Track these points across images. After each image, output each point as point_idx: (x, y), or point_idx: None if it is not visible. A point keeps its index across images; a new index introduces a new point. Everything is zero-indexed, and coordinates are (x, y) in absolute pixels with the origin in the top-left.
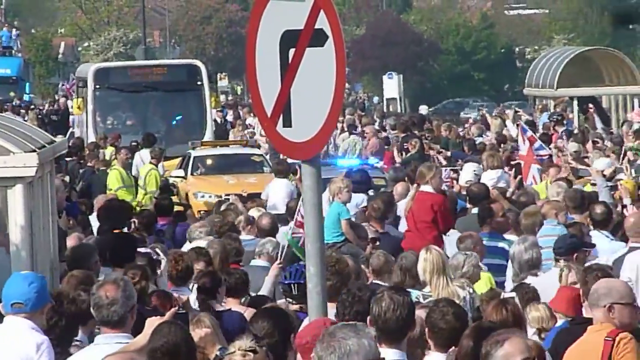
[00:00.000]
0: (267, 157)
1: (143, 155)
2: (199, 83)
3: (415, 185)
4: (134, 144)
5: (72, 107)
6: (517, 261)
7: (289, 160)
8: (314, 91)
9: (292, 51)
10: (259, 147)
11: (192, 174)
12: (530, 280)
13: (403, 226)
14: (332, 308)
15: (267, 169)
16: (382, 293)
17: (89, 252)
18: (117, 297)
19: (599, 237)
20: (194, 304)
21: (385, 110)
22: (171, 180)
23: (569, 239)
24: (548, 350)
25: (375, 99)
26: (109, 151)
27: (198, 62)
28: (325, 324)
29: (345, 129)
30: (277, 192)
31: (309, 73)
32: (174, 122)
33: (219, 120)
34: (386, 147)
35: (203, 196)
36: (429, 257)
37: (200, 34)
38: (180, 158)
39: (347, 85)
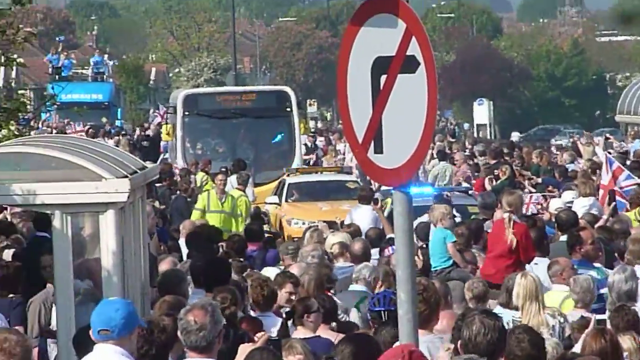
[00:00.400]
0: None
1: (232, 181)
2: (288, 109)
3: (507, 213)
4: (223, 169)
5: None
6: (615, 291)
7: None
8: (405, 117)
9: (383, 77)
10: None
11: (286, 201)
12: None
13: None
14: (422, 335)
15: None
16: (473, 317)
17: (181, 277)
18: (206, 323)
19: None
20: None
21: (475, 136)
22: (265, 206)
23: None
24: None
25: (466, 125)
26: (199, 177)
27: (287, 88)
28: (403, 351)
29: (435, 156)
30: (360, 218)
31: (400, 99)
32: (273, 141)
33: (309, 144)
34: (476, 173)
35: (297, 223)
36: (523, 282)
37: (290, 60)
38: (271, 184)
39: (437, 111)
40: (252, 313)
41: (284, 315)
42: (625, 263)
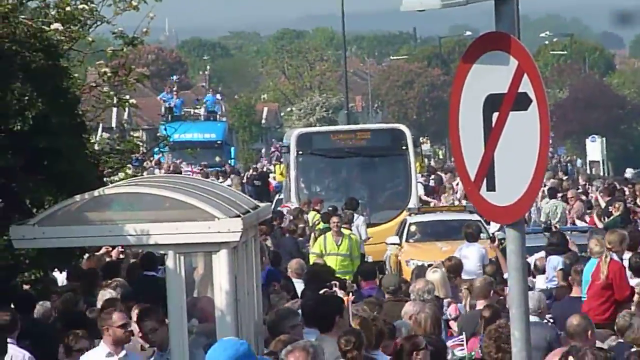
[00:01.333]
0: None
1: (359, 223)
2: (403, 147)
3: (606, 251)
4: (330, 209)
5: (274, 172)
6: None
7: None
8: (517, 155)
9: (495, 115)
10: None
11: (407, 241)
12: None
13: None
14: None
15: (484, 235)
16: (585, 351)
17: (288, 315)
18: None
19: None
20: None
21: (588, 173)
22: (388, 247)
23: None
24: None
25: (579, 162)
26: (311, 216)
27: (402, 126)
28: None
29: (546, 194)
30: (469, 257)
31: (512, 137)
32: (389, 181)
33: (427, 183)
34: (589, 210)
35: (415, 264)
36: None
37: (402, 99)
38: (387, 224)
39: (550, 148)
40: None
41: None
42: None
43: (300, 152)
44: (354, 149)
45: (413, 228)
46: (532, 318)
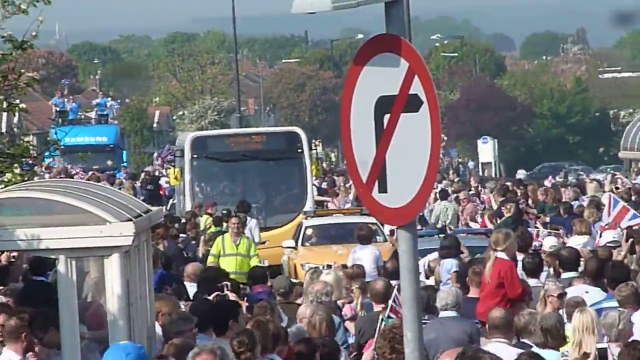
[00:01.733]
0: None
1: (251, 225)
2: (299, 150)
3: (492, 251)
4: (224, 212)
5: (167, 176)
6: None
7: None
8: (409, 156)
9: (386, 117)
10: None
11: (302, 244)
12: None
13: None
14: None
15: (380, 238)
16: (481, 355)
17: (182, 319)
18: None
19: None
20: None
21: (480, 174)
22: (285, 251)
23: None
24: None
25: (471, 164)
26: (204, 219)
27: (298, 129)
28: None
29: (438, 196)
30: (362, 259)
31: (404, 138)
32: (284, 184)
33: (321, 185)
34: (481, 212)
35: (309, 267)
36: (582, 317)
37: (294, 102)
38: (283, 227)
39: (441, 150)
40: None
41: None
42: None
43: (195, 156)
44: (249, 152)
45: (309, 231)
46: (451, 313)
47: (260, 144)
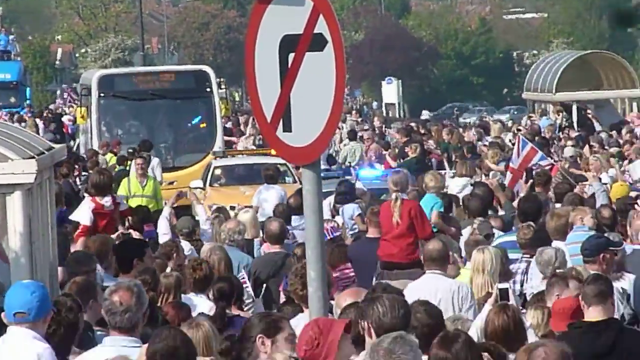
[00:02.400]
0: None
1: (154, 165)
2: (208, 90)
3: (395, 192)
4: (130, 151)
5: (70, 114)
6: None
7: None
8: (313, 96)
9: (291, 56)
10: None
11: (210, 185)
12: None
13: None
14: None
15: (289, 179)
16: (379, 296)
17: (90, 257)
18: (131, 304)
19: None
20: (211, 310)
21: (385, 115)
22: (192, 191)
23: (594, 240)
24: None
25: (375, 105)
26: (107, 158)
27: (207, 68)
28: (318, 323)
29: (347, 136)
30: (268, 199)
31: (308, 77)
32: (193, 123)
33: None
34: (385, 152)
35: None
36: (483, 255)
37: (199, 40)
38: (191, 167)
39: (346, 90)
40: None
41: None
42: None
43: (102, 95)
44: (158, 91)
45: (217, 172)
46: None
47: (168, 82)
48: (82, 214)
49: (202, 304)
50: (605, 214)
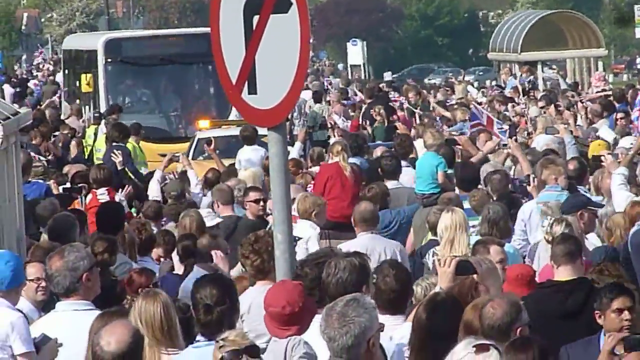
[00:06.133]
0: None
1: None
2: None
3: (340, 155)
4: (96, 115)
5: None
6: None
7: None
8: (278, 58)
9: (256, 18)
10: None
11: (194, 158)
12: None
13: None
14: None
15: None
16: (337, 259)
17: (71, 224)
18: (60, 269)
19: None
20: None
21: (349, 77)
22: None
23: (575, 198)
24: None
25: (340, 66)
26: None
27: None
28: (295, 286)
29: (312, 97)
30: (248, 159)
31: (273, 40)
32: (205, 89)
33: None
34: (352, 114)
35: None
36: (453, 216)
37: (164, 4)
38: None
39: (311, 52)
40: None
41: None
42: None
43: (109, 60)
44: (168, 56)
45: (201, 144)
46: None
47: (178, 46)
48: None
49: (154, 268)
50: (571, 166)
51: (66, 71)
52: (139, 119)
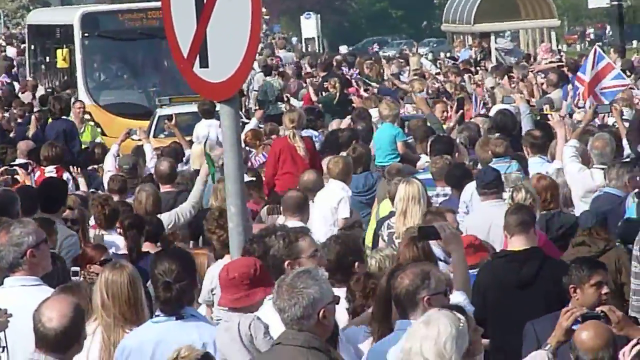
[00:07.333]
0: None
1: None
2: None
3: (291, 130)
4: (49, 91)
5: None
6: None
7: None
8: (230, 31)
9: None
10: None
11: (155, 137)
12: None
13: None
14: None
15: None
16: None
17: (12, 198)
18: (4, 244)
19: (537, 162)
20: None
21: (303, 50)
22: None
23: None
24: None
25: (294, 40)
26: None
27: None
28: (256, 264)
29: (261, 70)
30: (206, 134)
31: (224, 13)
32: None
33: None
34: (304, 86)
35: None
36: (409, 187)
37: None
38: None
39: (264, 26)
40: (95, 231)
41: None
42: None
43: (86, 35)
44: (147, 30)
45: (162, 122)
46: None
47: (157, 20)
48: None
49: (117, 241)
50: (536, 133)
51: (32, 46)
52: (117, 95)
